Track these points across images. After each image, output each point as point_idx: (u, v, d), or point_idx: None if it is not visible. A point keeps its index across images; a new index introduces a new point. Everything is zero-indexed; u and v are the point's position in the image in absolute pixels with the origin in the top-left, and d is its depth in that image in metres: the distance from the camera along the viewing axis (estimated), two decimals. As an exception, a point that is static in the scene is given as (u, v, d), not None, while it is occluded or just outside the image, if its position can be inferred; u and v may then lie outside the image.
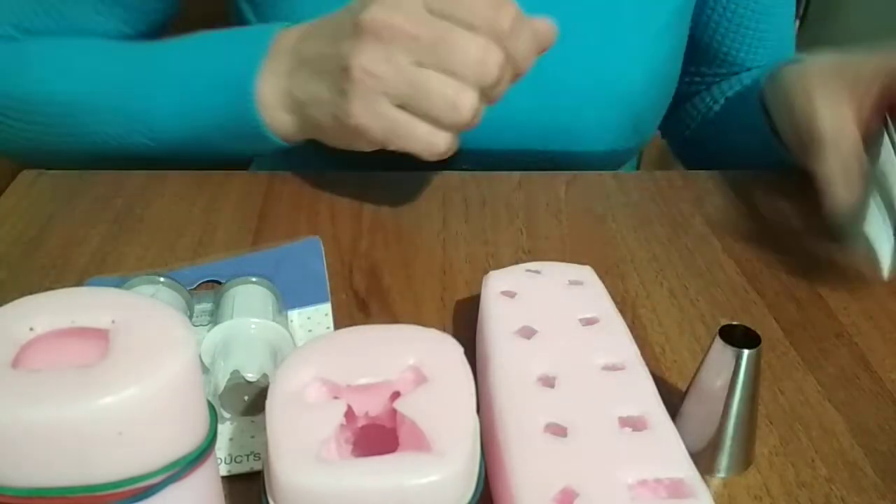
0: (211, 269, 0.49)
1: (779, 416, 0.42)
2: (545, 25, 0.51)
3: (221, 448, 0.38)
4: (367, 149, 0.53)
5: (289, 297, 0.46)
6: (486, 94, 0.49)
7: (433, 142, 0.49)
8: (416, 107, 0.49)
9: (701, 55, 0.73)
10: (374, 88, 0.48)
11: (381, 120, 0.49)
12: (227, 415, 0.39)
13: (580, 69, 0.63)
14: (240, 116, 0.55)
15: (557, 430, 0.33)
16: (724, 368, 0.36)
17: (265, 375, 0.38)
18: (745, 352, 0.36)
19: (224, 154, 0.59)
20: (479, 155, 0.66)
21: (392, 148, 0.51)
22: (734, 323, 0.37)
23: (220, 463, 0.37)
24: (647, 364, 0.38)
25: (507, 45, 0.48)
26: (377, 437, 0.32)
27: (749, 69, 0.73)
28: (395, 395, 0.32)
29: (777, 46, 0.73)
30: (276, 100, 0.54)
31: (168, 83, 0.57)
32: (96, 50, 0.61)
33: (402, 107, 0.49)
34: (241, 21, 0.68)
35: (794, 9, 0.75)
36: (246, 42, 0.56)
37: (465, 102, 0.48)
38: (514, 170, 0.62)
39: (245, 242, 0.53)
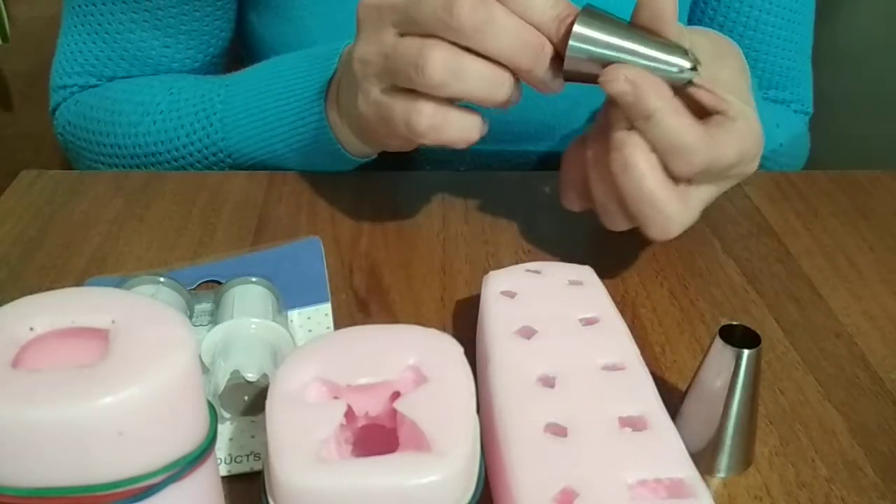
0: (211, 269, 0.49)
1: (779, 416, 0.42)
2: None
3: (221, 448, 0.38)
4: (393, 146, 0.51)
5: (289, 297, 0.46)
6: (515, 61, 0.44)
7: (410, 118, 0.44)
8: (393, 79, 0.45)
9: None
10: (366, 75, 0.46)
11: (371, 106, 0.47)
12: (227, 415, 0.39)
13: None
14: (316, 137, 0.55)
15: (557, 430, 0.33)
16: (724, 368, 0.36)
17: (265, 375, 0.38)
18: (745, 352, 0.36)
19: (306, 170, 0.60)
20: (478, 156, 0.66)
21: (392, 139, 0.48)
22: (734, 323, 0.37)
23: (220, 463, 0.37)
24: (647, 364, 0.38)
25: None
26: (377, 437, 0.32)
27: None
28: (395, 395, 0.32)
29: (773, 74, 0.73)
30: (338, 116, 0.54)
31: (244, 110, 0.58)
32: (174, 89, 0.62)
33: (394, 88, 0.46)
34: (245, 24, 0.68)
35: (803, 46, 0.74)
36: (316, 62, 0.55)
37: (427, 59, 0.42)
38: (512, 170, 0.62)
39: (245, 242, 0.53)
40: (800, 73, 0.74)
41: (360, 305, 0.48)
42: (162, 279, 0.44)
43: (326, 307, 0.47)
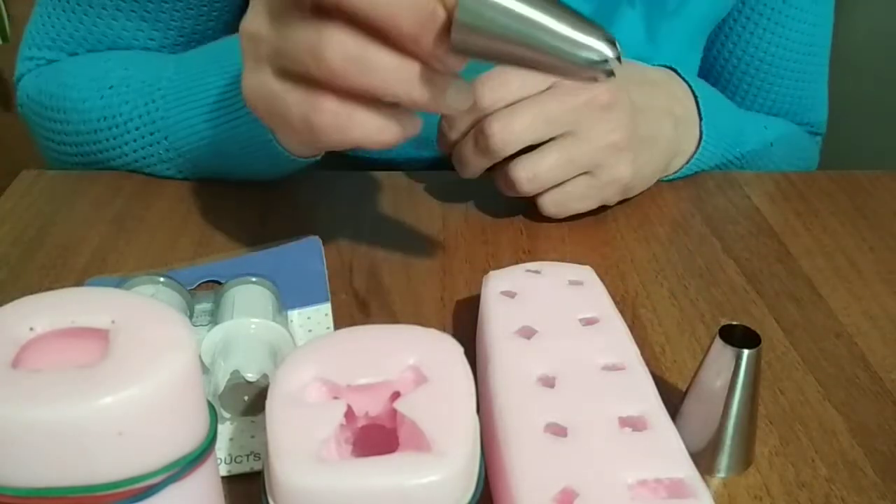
0: (211, 269, 0.49)
1: (779, 416, 0.42)
2: None
3: (221, 448, 0.38)
4: (294, 145, 0.48)
5: (289, 297, 0.46)
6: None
7: (309, 114, 0.38)
8: (287, 63, 0.39)
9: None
10: (257, 56, 0.41)
11: (261, 95, 0.41)
12: (227, 415, 0.39)
13: None
14: (247, 124, 0.52)
15: (557, 430, 0.33)
16: (724, 368, 0.36)
17: (265, 375, 0.38)
18: (745, 352, 0.36)
19: (246, 176, 0.57)
20: None
21: (289, 135, 0.44)
22: (734, 323, 0.37)
23: (220, 463, 0.37)
24: (647, 364, 0.38)
25: None
26: (377, 437, 0.32)
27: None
28: (395, 395, 0.32)
29: (783, 103, 0.73)
30: None
31: (186, 88, 0.55)
32: (129, 64, 0.60)
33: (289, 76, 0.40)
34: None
35: (818, 75, 0.74)
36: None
37: (326, 43, 0.36)
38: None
39: (245, 242, 0.53)
40: (812, 101, 0.74)
41: (360, 305, 0.48)
42: (162, 279, 0.44)
43: (326, 307, 0.47)
